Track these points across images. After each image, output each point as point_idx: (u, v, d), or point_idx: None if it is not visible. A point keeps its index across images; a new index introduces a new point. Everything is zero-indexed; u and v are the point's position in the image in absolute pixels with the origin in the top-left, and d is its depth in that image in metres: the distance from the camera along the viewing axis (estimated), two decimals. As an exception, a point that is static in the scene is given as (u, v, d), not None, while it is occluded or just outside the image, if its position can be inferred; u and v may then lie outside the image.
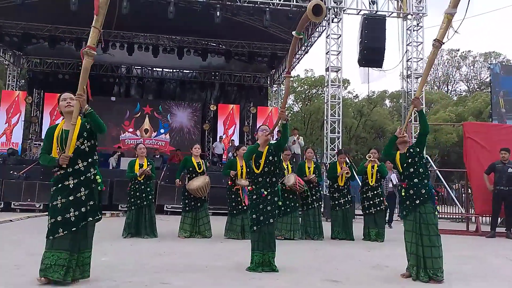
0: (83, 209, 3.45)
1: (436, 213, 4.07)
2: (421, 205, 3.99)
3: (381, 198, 7.02)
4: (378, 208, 6.98)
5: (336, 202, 7.12)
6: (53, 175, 3.63)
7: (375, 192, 7.02)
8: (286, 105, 4.55)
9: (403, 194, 4.16)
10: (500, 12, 58.16)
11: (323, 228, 7.03)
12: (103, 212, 8.76)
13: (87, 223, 3.47)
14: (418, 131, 4.14)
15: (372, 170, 7.03)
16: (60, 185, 3.46)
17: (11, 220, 8.51)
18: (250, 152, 4.36)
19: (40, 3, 13.27)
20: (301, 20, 3.70)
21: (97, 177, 3.61)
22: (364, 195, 7.12)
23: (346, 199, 7.13)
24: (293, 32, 3.71)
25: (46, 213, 3.85)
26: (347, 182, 7.24)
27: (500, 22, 51.85)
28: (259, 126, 4.63)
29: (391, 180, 9.80)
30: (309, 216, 7.00)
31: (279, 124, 4.45)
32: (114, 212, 10.42)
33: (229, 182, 6.81)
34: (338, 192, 7.14)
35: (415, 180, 4.07)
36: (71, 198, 3.43)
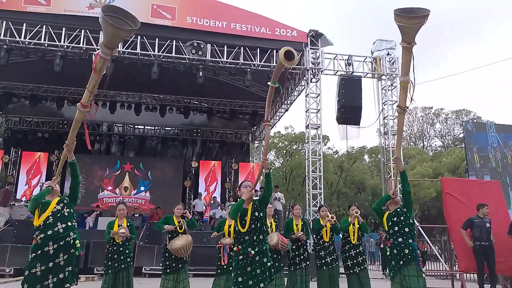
0: (61, 275, 3.42)
1: (423, 275, 3.99)
2: (405, 266, 3.95)
3: (364, 257, 6.84)
4: (362, 267, 6.79)
5: (323, 261, 6.85)
6: (29, 239, 3.57)
7: (358, 250, 6.84)
8: (269, 162, 4.52)
9: (388, 253, 4.14)
10: (470, 73, 61.82)
11: (309, 288, 6.81)
12: (78, 276, 8.35)
13: None
14: (401, 190, 4.22)
15: (353, 228, 6.91)
16: (40, 252, 3.45)
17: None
18: (236, 210, 4.10)
19: (24, 64, 13.42)
20: (275, 69, 3.84)
21: (77, 241, 3.61)
22: (347, 254, 6.91)
23: (333, 257, 6.89)
24: (269, 82, 3.81)
25: (17, 278, 3.76)
26: (332, 238, 7.08)
27: (469, 82, 54.84)
28: (242, 182, 4.43)
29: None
30: (296, 276, 6.75)
31: (262, 174, 4.27)
32: (89, 276, 9.92)
33: (218, 243, 6.63)
34: (324, 250, 6.91)
35: (399, 239, 4.07)
36: (50, 264, 3.41)
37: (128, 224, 6.48)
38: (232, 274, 5.96)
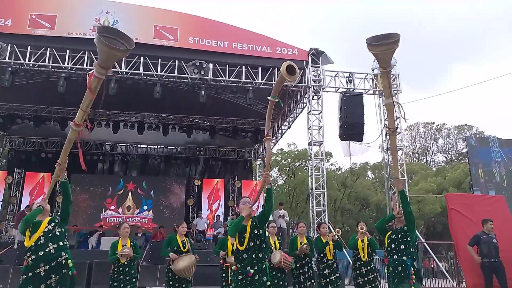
0: None
1: None
2: (399, 284, 3.95)
3: (375, 274, 6.71)
4: (373, 285, 6.70)
5: (327, 279, 6.78)
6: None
7: (368, 267, 6.76)
8: (272, 179, 4.51)
9: (386, 271, 4.18)
10: (472, 88, 62.01)
11: (315, 308, 6.71)
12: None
13: None
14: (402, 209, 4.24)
15: (362, 245, 6.87)
16: (31, 274, 3.44)
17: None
18: (235, 227, 3.98)
19: (28, 85, 13.58)
20: (276, 83, 3.90)
21: (69, 261, 3.62)
22: (358, 271, 6.85)
23: (337, 275, 6.85)
24: (269, 97, 3.86)
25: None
26: (335, 255, 7.02)
27: (471, 97, 55.09)
28: (241, 198, 4.32)
29: None
30: (301, 295, 6.69)
31: (263, 190, 4.21)
32: (92, 296, 9.81)
33: (221, 261, 6.59)
34: (328, 268, 6.86)
35: (394, 256, 4.10)
36: (42, 286, 3.42)
37: (131, 243, 6.45)
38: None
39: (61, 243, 3.62)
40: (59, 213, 3.91)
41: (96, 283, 10.30)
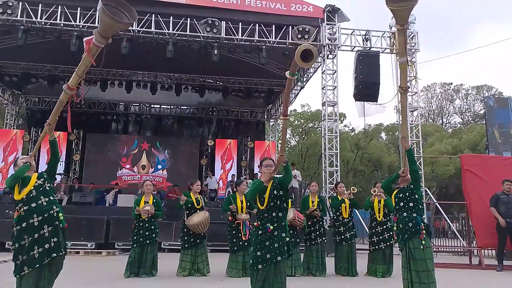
0: (46, 246, 3.62)
1: (423, 248, 3.98)
2: (409, 239, 4.03)
3: (391, 233, 6.79)
4: (388, 243, 6.82)
5: (342, 236, 6.97)
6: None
7: (384, 226, 6.87)
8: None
9: (395, 228, 4.24)
10: (492, 46, 59.90)
11: (326, 264, 6.89)
12: (99, 250, 8.61)
13: (51, 259, 3.64)
14: (408, 167, 4.24)
15: (379, 205, 6.95)
16: (25, 224, 3.62)
17: (5, 261, 8.30)
18: (255, 191, 4.06)
19: (41, 44, 13.54)
20: (292, 63, 3.57)
21: (60, 214, 3.78)
22: (373, 230, 6.97)
23: (352, 233, 7.00)
24: (287, 74, 3.56)
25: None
26: (351, 214, 7.15)
27: (491, 56, 53.24)
28: (263, 160, 4.29)
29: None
30: (312, 252, 6.86)
31: (280, 167, 4.14)
32: (110, 250, 10.21)
33: (230, 218, 6.73)
34: (343, 226, 7.01)
35: (404, 214, 4.15)
36: (36, 236, 3.60)
37: (154, 200, 6.64)
38: (248, 250, 6.14)
39: (51, 197, 3.78)
40: (46, 170, 4.03)
41: (114, 238, 10.72)
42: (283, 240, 3.86)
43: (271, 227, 3.85)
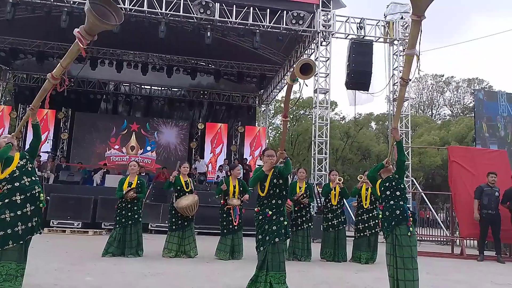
0: (29, 224, 3.72)
1: (410, 235, 4.07)
2: (396, 226, 4.09)
3: (376, 221, 6.87)
4: (373, 231, 6.93)
5: (330, 223, 7.07)
6: None
7: (370, 214, 6.96)
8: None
9: (380, 216, 4.30)
10: (483, 40, 60.16)
11: (311, 249, 6.98)
12: (86, 230, 8.65)
13: (30, 237, 3.77)
14: (396, 158, 4.29)
15: (366, 193, 7.03)
16: (7, 200, 3.69)
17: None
18: (256, 179, 4.40)
19: (30, 19, 13.22)
20: (293, 72, 3.69)
21: (41, 195, 3.87)
22: (359, 218, 7.08)
23: (340, 219, 7.08)
24: (288, 79, 3.76)
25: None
26: (341, 202, 7.22)
27: (483, 50, 53.51)
28: (265, 150, 4.61)
29: None
30: (298, 237, 6.93)
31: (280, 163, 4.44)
32: (97, 230, 10.20)
33: (221, 202, 6.76)
34: (331, 212, 7.10)
35: (391, 202, 4.20)
36: (19, 213, 3.68)
37: (138, 181, 6.60)
38: (237, 234, 6.29)
39: (33, 178, 3.87)
40: (27, 150, 4.09)
41: (101, 218, 10.70)
42: (281, 224, 4.22)
43: (270, 212, 4.21)
